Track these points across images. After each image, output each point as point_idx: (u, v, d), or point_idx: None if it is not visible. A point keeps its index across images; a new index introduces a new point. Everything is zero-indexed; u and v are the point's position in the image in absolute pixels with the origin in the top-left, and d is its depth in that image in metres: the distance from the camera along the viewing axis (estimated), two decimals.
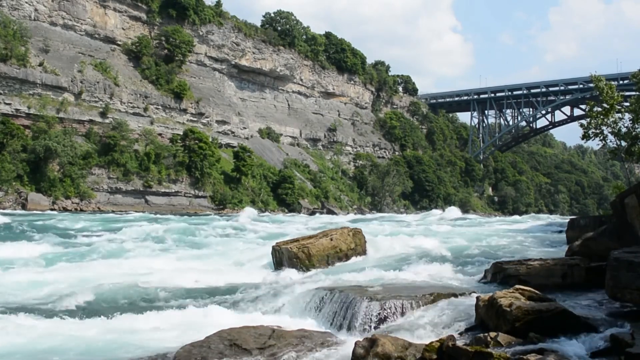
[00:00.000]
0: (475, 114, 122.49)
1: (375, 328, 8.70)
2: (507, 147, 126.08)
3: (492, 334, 6.79)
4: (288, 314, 10.26)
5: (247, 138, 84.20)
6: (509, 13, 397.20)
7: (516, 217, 66.88)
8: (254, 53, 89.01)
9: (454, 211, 66.43)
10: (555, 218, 60.72)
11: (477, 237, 24.82)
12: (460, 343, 6.51)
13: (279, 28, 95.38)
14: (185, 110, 74.56)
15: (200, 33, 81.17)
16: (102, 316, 10.26)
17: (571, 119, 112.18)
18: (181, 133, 70.23)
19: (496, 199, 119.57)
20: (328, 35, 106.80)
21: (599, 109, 24.11)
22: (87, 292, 11.90)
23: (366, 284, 11.56)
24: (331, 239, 16.22)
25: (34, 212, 45.88)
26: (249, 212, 48.72)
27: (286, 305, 10.68)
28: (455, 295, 9.69)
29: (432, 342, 6.57)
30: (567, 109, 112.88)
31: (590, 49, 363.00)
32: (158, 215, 44.36)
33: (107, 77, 66.56)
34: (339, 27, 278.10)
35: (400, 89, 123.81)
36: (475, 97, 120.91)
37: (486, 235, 26.64)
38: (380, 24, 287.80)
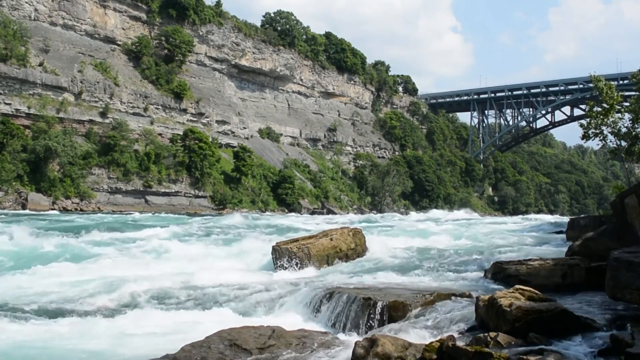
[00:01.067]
0: (475, 114, 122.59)
1: (375, 328, 8.70)
2: (507, 147, 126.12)
3: (492, 334, 6.79)
4: (288, 314, 10.25)
5: (247, 138, 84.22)
6: (509, 13, 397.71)
7: (506, 218, 66.32)
8: (254, 53, 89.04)
9: (459, 213, 66.71)
10: (551, 218, 60.28)
11: (477, 237, 24.84)
12: (460, 343, 6.51)
13: (279, 28, 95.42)
14: (185, 110, 74.58)
15: (200, 33, 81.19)
16: (99, 318, 10.23)
17: (571, 119, 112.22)
18: (181, 133, 70.25)
19: (496, 199, 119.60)
20: (328, 35, 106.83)
21: (599, 109, 24.08)
22: (82, 293, 11.89)
23: (366, 284, 11.56)
24: (331, 239, 16.23)
25: (35, 212, 45.83)
26: (237, 216, 45.23)
27: (286, 305, 10.68)
28: (455, 295, 9.70)
29: (432, 342, 6.56)
30: (567, 109, 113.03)
31: (590, 49, 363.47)
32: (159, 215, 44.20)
33: (107, 77, 66.58)
34: (338, 27, 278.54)
35: (400, 89, 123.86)
36: (475, 97, 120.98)
37: (486, 235, 26.66)
38: (380, 24, 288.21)
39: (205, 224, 31.81)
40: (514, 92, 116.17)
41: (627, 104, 30.15)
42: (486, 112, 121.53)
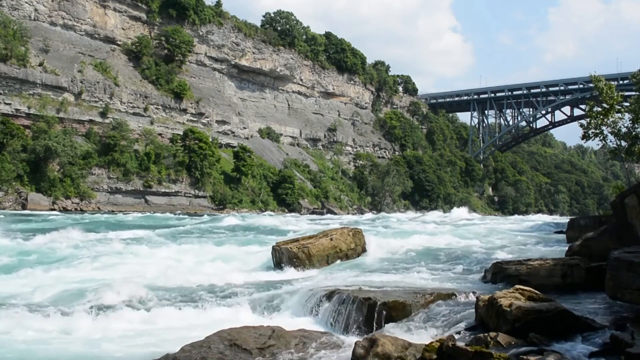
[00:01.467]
0: (475, 114, 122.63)
1: (375, 328, 8.70)
2: (507, 147, 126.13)
3: (492, 334, 6.78)
4: (288, 314, 10.25)
5: (247, 138, 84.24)
6: (509, 13, 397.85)
7: (502, 219, 66.31)
8: (254, 53, 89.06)
9: (460, 212, 66.75)
10: (549, 218, 60.10)
11: (476, 237, 24.82)
12: (460, 343, 6.50)
13: (279, 28, 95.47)
14: (185, 110, 74.60)
15: (200, 33, 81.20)
16: (96, 317, 10.18)
17: (571, 119, 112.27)
18: (181, 133, 70.28)
19: (496, 199, 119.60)
20: (328, 35, 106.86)
21: (599, 109, 24.10)
22: (49, 297, 11.78)
23: (366, 283, 11.55)
24: (331, 239, 16.22)
25: (35, 212, 45.80)
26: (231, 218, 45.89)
27: (286, 305, 10.67)
28: (455, 295, 9.69)
29: (432, 342, 6.55)
30: (567, 109, 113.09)
31: (589, 49, 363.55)
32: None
33: (107, 77, 66.61)
34: (338, 27, 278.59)
35: (400, 89, 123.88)
36: (475, 97, 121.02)
37: (486, 235, 26.65)
38: (380, 24, 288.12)
39: (185, 225, 31.62)
40: (514, 92, 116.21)
41: (627, 104, 30.17)
42: (486, 112, 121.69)
